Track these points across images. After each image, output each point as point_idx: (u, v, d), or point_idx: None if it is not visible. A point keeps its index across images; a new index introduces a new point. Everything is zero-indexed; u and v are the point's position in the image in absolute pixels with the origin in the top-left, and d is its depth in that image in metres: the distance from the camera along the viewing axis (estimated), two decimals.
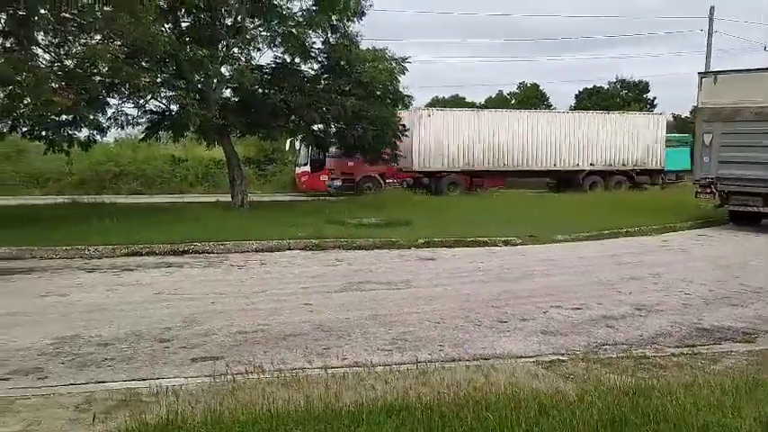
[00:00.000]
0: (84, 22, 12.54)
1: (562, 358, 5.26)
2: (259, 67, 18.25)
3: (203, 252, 11.24)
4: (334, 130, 19.96)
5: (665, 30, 66.29)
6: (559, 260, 10.81)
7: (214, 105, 16.53)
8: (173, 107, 17.14)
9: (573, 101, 55.96)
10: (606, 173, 28.59)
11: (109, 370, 4.97)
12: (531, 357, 5.32)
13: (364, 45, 19.16)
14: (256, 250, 11.48)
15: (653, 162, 29.34)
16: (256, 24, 17.65)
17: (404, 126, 21.62)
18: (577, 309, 7.19)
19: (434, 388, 4.24)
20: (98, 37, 12.95)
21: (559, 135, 27.60)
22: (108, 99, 15.58)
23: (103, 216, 14.04)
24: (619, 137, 28.65)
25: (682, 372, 4.89)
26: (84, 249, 10.91)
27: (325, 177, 26.66)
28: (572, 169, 28.10)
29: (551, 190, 28.65)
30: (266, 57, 18.76)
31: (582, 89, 56.27)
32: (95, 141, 16.34)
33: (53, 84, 12.37)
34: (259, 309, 7.08)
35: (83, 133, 15.54)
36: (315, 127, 19.70)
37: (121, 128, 17.09)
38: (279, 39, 17.47)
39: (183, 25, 17.29)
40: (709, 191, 15.51)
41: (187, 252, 11.17)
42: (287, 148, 29.73)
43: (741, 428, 3.48)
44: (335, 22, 17.85)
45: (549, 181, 29.67)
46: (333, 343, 5.73)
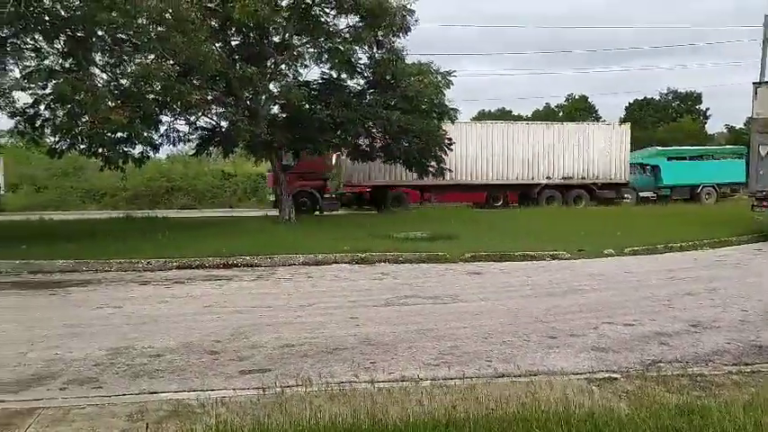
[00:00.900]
0: (138, 43, 12.98)
1: (614, 375, 5.12)
2: (306, 84, 18.55)
3: (252, 265, 11.41)
4: (379, 145, 20.07)
5: (718, 40, 64.92)
6: (610, 275, 10.57)
7: (262, 121, 16.84)
8: (223, 124, 17.57)
9: (623, 113, 55.02)
10: (564, 187, 27.09)
11: (161, 381, 5.07)
12: (582, 374, 5.19)
13: (410, 60, 19.27)
14: (303, 264, 11.59)
15: (617, 175, 27.69)
16: (303, 41, 17.96)
17: (450, 139, 21.54)
18: (629, 325, 7.00)
19: (482, 404, 4.18)
20: (152, 56, 13.37)
21: (512, 147, 26.35)
22: (161, 116, 16.03)
23: (156, 230, 14.42)
24: (578, 149, 27.21)
25: (740, 391, 4.70)
26: (137, 262, 11.21)
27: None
28: (526, 183, 26.73)
29: (498, 204, 27.06)
30: (313, 73, 19.12)
31: (632, 101, 55.28)
32: (148, 158, 16.84)
33: (109, 102, 12.81)
34: (306, 322, 7.12)
35: (137, 150, 16.05)
36: (360, 141, 19.84)
37: (173, 144, 17.62)
38: (325, 55, 17.74)
39: (233, 44, 17.73)
40: (765, 204, 14.98)
41: (236, 265, 11.35)
42: (333, 163, 30.02)
43: None
44: (381, 38, 18.01)
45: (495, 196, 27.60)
46: (379, 357, 5.71)
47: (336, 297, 8.65)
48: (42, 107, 14.48)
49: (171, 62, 13.32)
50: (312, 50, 17.89)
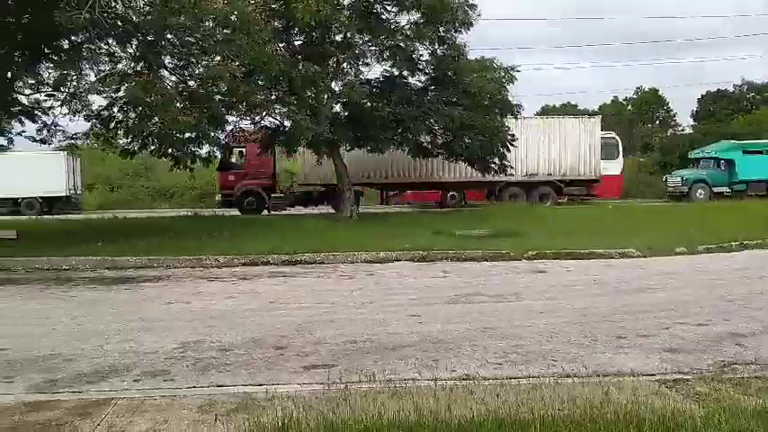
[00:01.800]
0: (205, 45, 13.33)
1: (687, 377, 4.93)
2: (367, 81, 18.65)
3: (314, 262, 11.56)
4: (441, 141, 19.98)
5: None
6: (681, 273, 10.19)
7: (324, 120, 17.02)
8: (286, 123, 17.85)
9: (695, 106, 52.95)
10: (528, 184, 25.66)
11: (228, 374, 5.19)
12: (653, 375, 5.02)
13: (472, 55, 19.11)
14: (365, 261, 11.66)
15: (586, 171, 25.98)
16: (365, 39, 18.06)
17: (513, 135, 21.22)
18: (702, 325, 6.73)
19: (548, 404, 4.09)
20: (218, 58, 13.72)
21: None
22: (227, 117, 16.44)
23: (223, 228, 14.80)
24: (543, 144, 25.55)
25: None
26: (205, 259, 11.55)
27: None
28: (486, 180, 24.89)
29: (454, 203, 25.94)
30: (374, 71, 19.18)
31: (705, 92, 53.11)
32: (215, 157, 17.26)
33: (178, 104, 13.22)
34: (368, 319, 7.16)
35: (204, 149, 16.50)
36: (422, 138, 19.81)
37: (239, 143, 18.00)
38: (387, 52, 17.79)
39: (296, 44, 17.99)
40: None
41: (299, 262, 11.53)
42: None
43: None
44: (443, 34, 17.92)
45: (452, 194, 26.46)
46: (442, 355, 5.68)
47: (398, 294, 8.66)
48: (116, 109, 15.09)
49: (236, 63, 13.62)
50: (374, 48, 17.97)
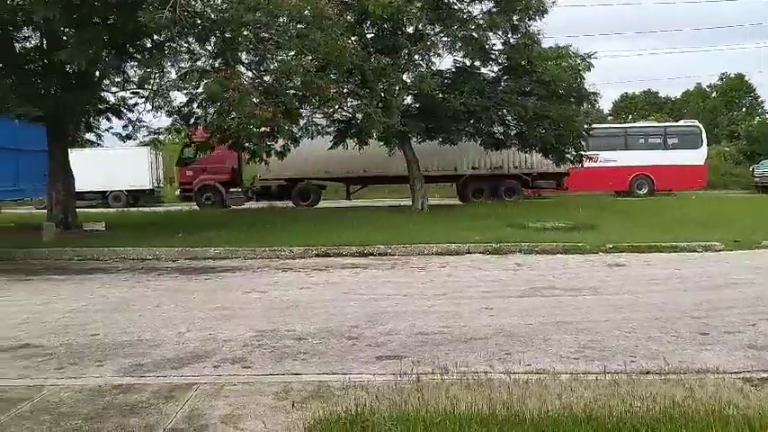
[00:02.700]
0: (280, 41, 13.60)
1: None
2: (439, 73, 18.54)
3: (386, 254, 11.64)
4: (514, 132, 19.67)
5: None
6: None
7: (396, 112, 17.06)
8: (357, 115, 17.99)
9: None
10: (494, 178, 24.25)
11: (303, 363, 5.32)
12: (738, 374, 4.80)
13: (547, 43, 18.69)
14: (436, 253, 11.64)
15: (553, 164, 23.82)
16: (437, 30, 17.96)
17: (590, 123, 20.60)
18: None
19: (626, 400, 3.99)
20: (292, 53, 13.96)
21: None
22: (301, 110, 16.72)
23: (297, 220, 15.11)
24: None
25: None
26: (280, 250, 11.83)
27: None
28: (449, 174, 24.00)
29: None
30: (446, 62, 19.03)
31: None
32: (289, 150, 17.60)
33: (254, 99, 13.55)
34: (440, 311, 7.16)
35: (279, 143, 16.85)
36: (495, 129, 19.55)
37: (311, 137, 18.29)
38: (459, 43, 17.63)
39: (368, 36, 18.07)
40: None
41: (371, 254, 11.64)
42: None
43: None
44: (516, 22, 17.60)
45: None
46: (515, 348, 5.62)
47: (470, 287, 8.61)
48: (195, 105, 15.63)
49: (309, 58, 13.83)
50: (446, 39, 17.84)
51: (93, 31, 12.60)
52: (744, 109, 55.88)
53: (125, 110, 16.75)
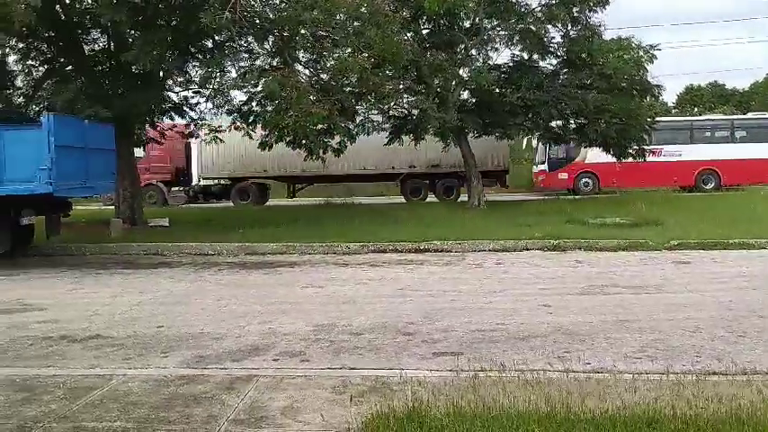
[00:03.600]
0: (336, 38, 13.71)
1: None
2: (496, 67, 18.34)
3: (442, 250, 11.60)
4: (573, 126, 19.27)
5: None
6: None
7: (452, 107, 16.96)
8: (414, 111, 17.97)
9: None
10: (432, 176, 24.11)
11: (360, 357, 5.36)
12: None
13: (608, 35, 18.22)
14: (493, 250, 11.54)
15: (494, 162, 24.17)
16: (494, 24, 17.76)
17: (654, 116, 20.00)
18: None
19: (690, 402, 3.86)
20: (348, 50, 14.06)
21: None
22: (357, 107, 16.82)
23: (353, 216, 15.22)
24: None
25: None
26: (337, 246, 11.95)
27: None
28: (386, 172, 23.59)
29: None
30: (503, 56, 18.82)
31: None
32: (346, 147, 17.73)
33: (311, 96, 13.71)
34: (497, 308, 7.09)
35: (335, 140, 17.00)
36: (553, 124, 19.20)
37: (367, 134, 18.37)
38: (516, 36, 17.40)
39: (424, 32, 18.02)
40: None
41: (427, 250, 11.62)
42: (524, 147, 29.40)
43: None
44: (576, 14, 17.24)
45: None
46: (574, 347, 5.52)
47: (528, 284, 8.50)
48: (254, 104, 15.93)
49: (365, 55, 13.90)
50: (503, 33, 17.64)
51: (157, 33, 13.02)
52: None
53: (187, 109, 17.27)
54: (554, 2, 16.92)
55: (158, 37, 12.87)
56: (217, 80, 14.74)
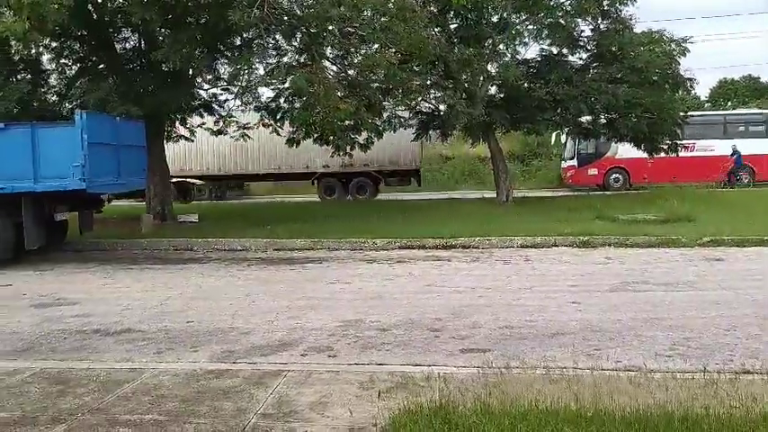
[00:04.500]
0: (364, 34, 13.71)
1: None
2: (524, 62, 18.15)
3: (469, 247, 11.54)
4: (603, 121, 18.99)
5: None
6: None
7: (480, 103, 16.83)
8: (441, 107, 17.88)
9: None
10: (346, 175, 24.13)
11: (387, 353, 5.37)
12: None
13: (639, 28, 17.90)
14: (521, 246, 11.45)
15: (406, 162, 24.30)
16: (522, 19, 17.57)
17: (686, 111, 19.62)
18: None
19: (724, 401, 3.79)
20: (376, 46, 14.04)
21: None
22: (384, 103, 16.79)
23: (380, 212, 15.23)
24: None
25: None
26: (364, 242, 11.98)
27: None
28: (300, 171, 24.09)
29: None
30: (532, 50, 18.57)
31: None
32: (373, 143, 17.73)
33: (339, 92, 13.73)
34: (525, 305, 7.04)
35: (362, 136, 17.01)
36: (583, 119, 18.95)
37: (394, 130, 18.33)
38: (545, 31, 17.17)
39: (451, 27, 17.91)
40: None
41: (454, 247, 11.57)
42: (552, 143, 29.06)
43: None
44: (607, 8, 16.98)
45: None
46: (604, 344, 5.46)
47: (556, 281, 8.42)
48: (282, 100, 16.00)
49: (393, 50, 13.86)
50: (531, 27, 17.43)
51: (186, 31, 13.16)
52: None
53: (216, 106, 17.42)
54: None
55: (188, 35, 13.00)
56: (245, 77, 14.83)
